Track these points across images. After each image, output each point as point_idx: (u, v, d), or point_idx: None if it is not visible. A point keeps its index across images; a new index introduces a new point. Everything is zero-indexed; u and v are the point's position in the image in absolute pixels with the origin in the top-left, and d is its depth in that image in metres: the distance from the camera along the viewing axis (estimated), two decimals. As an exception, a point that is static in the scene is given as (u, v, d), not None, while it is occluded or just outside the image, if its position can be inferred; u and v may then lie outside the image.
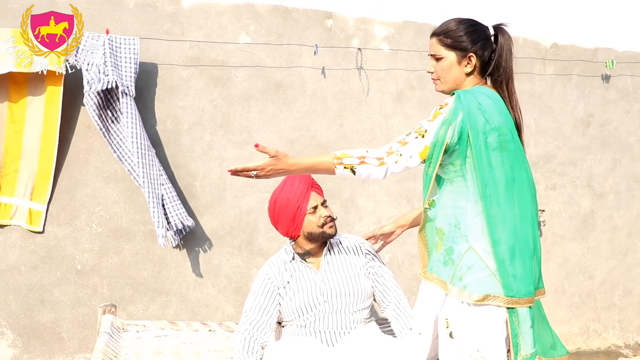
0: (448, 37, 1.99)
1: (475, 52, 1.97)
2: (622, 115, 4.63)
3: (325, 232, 2.40)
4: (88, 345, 3.50)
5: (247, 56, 3.70)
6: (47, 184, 3.37)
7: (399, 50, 3.99)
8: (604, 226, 4.63)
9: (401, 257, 4.10)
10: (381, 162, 1.88)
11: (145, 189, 3.26)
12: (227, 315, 3.72)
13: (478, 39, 1.98)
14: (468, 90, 1.94)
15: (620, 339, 4.78)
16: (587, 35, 4.49)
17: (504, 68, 2.00)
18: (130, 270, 3.56)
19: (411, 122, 4.06)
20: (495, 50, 2.00)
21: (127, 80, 3.29)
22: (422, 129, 1.90)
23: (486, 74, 2.02)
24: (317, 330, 2.38)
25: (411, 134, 1.91)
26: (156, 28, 3.52)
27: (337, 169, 1.89)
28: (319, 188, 2.48)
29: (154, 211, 3.27)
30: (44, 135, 3.32)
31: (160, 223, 3.27)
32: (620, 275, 4.72)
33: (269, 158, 1.93)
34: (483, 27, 2.02)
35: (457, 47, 1.98)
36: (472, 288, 1.86)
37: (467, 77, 2.00)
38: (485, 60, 2.00)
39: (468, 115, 1.86)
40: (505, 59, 2.00)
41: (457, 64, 1.99)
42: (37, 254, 3.43)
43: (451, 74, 2.00)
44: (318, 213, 2.40)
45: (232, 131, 3.70)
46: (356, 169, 1.88)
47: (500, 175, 1.87)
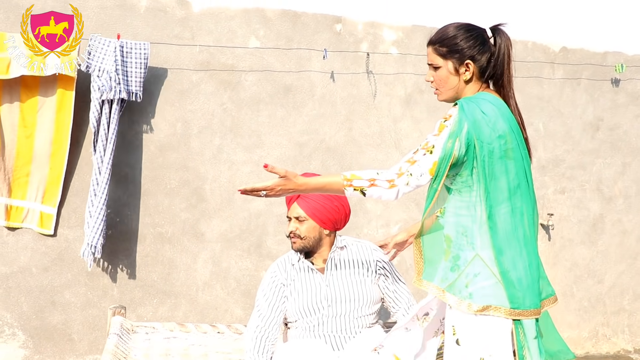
0: (443, 45, 1.95)
1: (472, 59, 1.92)
2: (631, 119, 4.61)
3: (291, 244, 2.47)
4: (98, 347, 3.53)
5: (257, 60, 3.72)
6: (57, 188, 3.41)
7: (407, 55, 4.00)
8: (613, 230, 4.61)
9: (409, 261, 4.10)
10: (392, 185, 1.86)
11: (100, 198, 3.27)
12: (235, 318, 3.74)
13: (474, 44, 1.93)
14: (470, 99, 1.90)
15: (630, 343, 4.76)
16: (597, 39, 4.48)
17: (503, 70, 1.95)
18: (140, 273, 3.59)
19: (419, 125, 4.07)
20: (493, 53, 1.95)
21: (135, 86, 3.32)
22: (430, 145, 1.86)
23: (486, 78, 1.98)
24: (321, 334, 2.39)
25: (419, 151, 1.87)
26: (167, 33, 3.56)
27: (347, 191, 1.88)
28: (309, 202, 2.42)
29: (100, 220, 3.27)
30: (55, 139, 3.35)
31: (99, 233, 3.27)
32: (629, 280, 4.69)
33: (278, 178, 1.93)
34: (480, 30, 1.96)
35: (453, 55, 1.93)
36: (476, 297, 1.85)
37: (466, 85, 1.96)
38: (484, 65, 1.95)
39: (473, 125, 1.83)
40: (505, 61, 1.95)
41: (455, 72, 1.95)
42: (48, 256, 3.46)
43: (450, 82, 1.97)
44: (290, 224, 2.46)
45: (242, 135, 3.73)
46: (366, 191, 1.87)
47: (504, 185, 1.86)
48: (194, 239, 3.67)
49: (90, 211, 3.31)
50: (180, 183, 3.64)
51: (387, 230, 4.03)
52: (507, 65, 1.96)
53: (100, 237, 3.29)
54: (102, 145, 3.28)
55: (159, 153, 3.59)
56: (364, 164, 3.96)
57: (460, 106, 1.88)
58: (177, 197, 3.64)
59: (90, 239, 3.26)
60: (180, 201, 3.65)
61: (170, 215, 3.63)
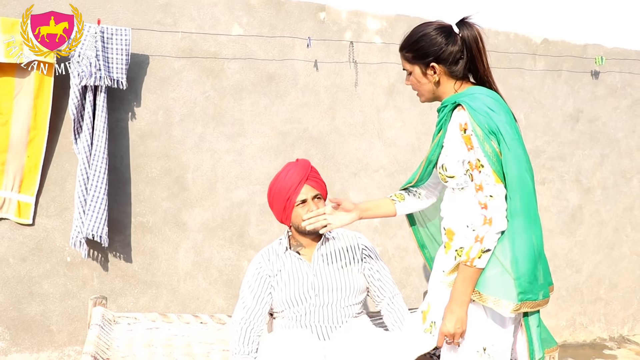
0: (409, 51, 1.95)
1: (436, 60, 1.91)
2: (610, 111, 4.67)
3: (306, 228, 2.27)
4: (77, 338, 3.48)
5: (240, 48, 3.68)
6: (35, 176, 3.33)
7: (391, 44, 3.98)
8: (591, 221, 4.68)
9: (392, 250, 4.11)
10: (488, 221, 1.82)
11: (97, 187, 3.23)
12: (217, 308, 3.71)
13: (437, 44, 1.90)
14: (471, 97, 1.88)
15: (605, 331, 4.85)
16: (578, 31, 4.52)
17: (476, 63, 1.93)
18: (120, 263, 3.54)
19: (402, 115, 4.07)
20: (461, 48, 1.91)
21: (118, 73, 3.26)
22: (474, 163, 1.84)
23: (463, 74, 1.95)
24: (308, 324, 2.38)
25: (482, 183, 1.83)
26: (148, 18, 3.49)
27: (478, 266, 1.85)
28: (317, 180, 2.42)
29: (99, 209, 3.24)
30: (33, 126, 3.27)
31: (101, 222, 3.24)
32: (606, 269, 4.77)
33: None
34: (445, 28, 1.93)
35: (417, 59, 1.93)
36: (484, 287, 1.85)
37: (440, 85, 1.95)
38: (454, 62, 1.92)
39: (487, 121, 1.82)
40: (475, 53, 1.92)
41: (423, 75, 1.95)
42: (26, 245, 3.39)
43: (422, 86, 1.97)
44: (306, 207, 2.37)
45: (224, 123, 3.68)
46: (486, 249, 1.83)
47: (513, 178, 1.85)
48: (175, 228, 3.63)
49: (81, 201, 3.24)
50: (162, 172, 3.59)
51: (369, 220, 4.03)
52: (479, 56, 1.93)
53: (105, 225, 3.25)
54: (87, 134, 3.21)
55: (140, 141, 3.54)
56: (346, 153, 3.95)
57: (468, 107, 1.85)
58: (158, 186, 3.59)
59: (92, 228, 3.22)
60: (162, 190, 3.60)
61: (152, 204, 3.58)
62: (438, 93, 1.98)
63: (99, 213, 3.24)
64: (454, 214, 1.97)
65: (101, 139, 3.22)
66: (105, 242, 3.28)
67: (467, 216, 1.92)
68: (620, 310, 4.87)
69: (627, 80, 4.69)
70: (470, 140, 1.84)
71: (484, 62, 1.94)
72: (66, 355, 3.49)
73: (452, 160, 1.90)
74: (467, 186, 1.92)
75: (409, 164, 4.11)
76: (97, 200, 3.23)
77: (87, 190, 3.25)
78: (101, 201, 3.24)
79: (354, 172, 3.99)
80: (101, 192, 3.24)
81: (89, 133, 3.23)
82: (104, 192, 3.24)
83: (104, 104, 3.22)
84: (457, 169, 1.90)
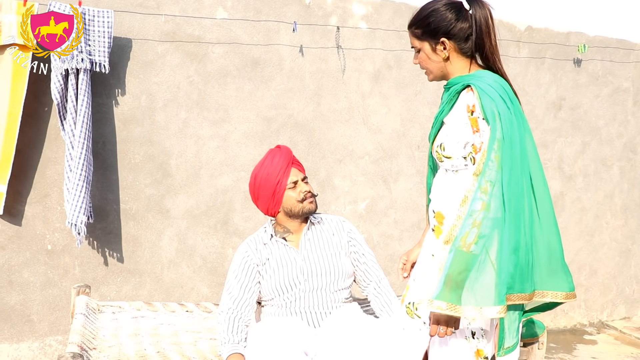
0: (418, 27, 1.92)
1: (447, 35, 1.89)
2: (591, 99, 4.71)
3: (305, 208, 2.38)
4: (59, 328, 3.41)
5: (224, 32, 3.61)
6: (8, 164, 3.20)
7: (377, 30, 3.95)
8: (572, 208, 4.72)
9: (376, 238, 4.10)
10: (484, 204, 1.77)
11: (76, 173, 3.13)
12: (202, 296, 3.67)
13: (447, 19, 1.88)
14: (481, 80, 1.85)
15: (585, 317, 4.91)
16: (561, 19, 4.55)
17: (483, 41, 1.90)
18: (102, 250, 3.47)
19: (388, 102, 4.05)
20: (471, 24, 1.88)
21: (100, 56, 3.18)
22: (477, 146, 1.82)
23: (471, 52, 1.92)
24: (298, 310, 2.36)
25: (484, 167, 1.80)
26: (130, 1, 3.40)
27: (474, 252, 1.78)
28: (300, 165, 2.46)
29: (77, 196, 3.15)
30: (11, 112, 3.15)
31: (78, 210, 3.15)
32: (586, 256, 4.83)
33: None
34: (454, 4, 1.90)
35: (427, 35, 1.91)
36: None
37: (449, 62, 1.93)
38: (464, 39, 1.90)
39: (497, 107, 1.79)
40: (484, 31, 1.89)
41: (433, 51, 1.92)
42: (5, 233, 3.30)
43: (432, 63, 1.94)
44: (298, 188, 2.39)
45: (208, 108, 3.62)
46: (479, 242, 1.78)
47: (515, 164, 1.83)
48: (159, 215, 3.57)
49: (68, 187, 3.16)
50: (145, 158, 3.52)
51: (354, 207, 4.02)
52: (486, 35, 1.90)
53: (82, 214, 3.14)
54: (71, 118, 3.13)
55: (122, 127, 3.46)
56: (332, 139, 3.92)
57: (478, 89, 1.82)
58: (141, 173, 3.52)
59: (70, 216, 3.13)
60: (145, 176, 3.53)
61: (135, 191, 3.51)
62: (447, 70, 1.95)
63: (77, 201, 3.14)
64: (445, 197, 1.95)
65: (84, 124, 3.14)
66: (83, 232, 3.17)
67: (459, 200, 1.90)
68: (600, 296, 4.94)
69: (608, 69, 4.73)
70: (477, 122, 1.82)
71: (492, 42, 1.92)
72: (47, 345, 3.42)
73: (453, 140, 1.88)
74: (462, 169, 1.89)
75: (393, 151, 4.09)
76: (77, 187, 3.14)
77: (69, 178, 3.17)
78: (81, 189, 3.14)
79: (339, 158, 3.96)
80: (81, 179, 3.14)
81: (72, 118, 3.14)
82: (83, 180, 3.14)
83: (87, 88, 3.13)
84: (456, 150, 1.88)
